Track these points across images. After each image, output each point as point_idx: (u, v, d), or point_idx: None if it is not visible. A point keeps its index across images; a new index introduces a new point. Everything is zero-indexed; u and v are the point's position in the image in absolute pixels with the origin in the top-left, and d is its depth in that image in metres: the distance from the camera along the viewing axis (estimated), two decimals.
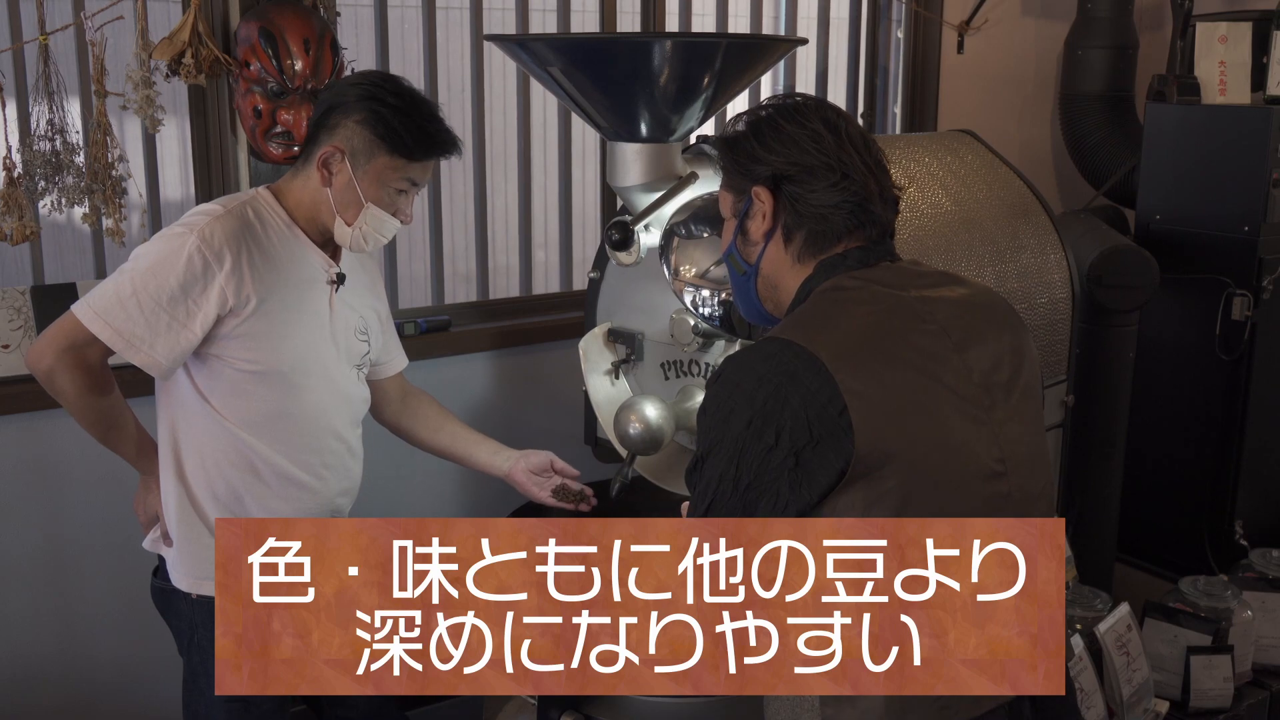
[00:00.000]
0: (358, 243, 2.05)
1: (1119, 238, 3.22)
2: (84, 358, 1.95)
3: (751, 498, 1.46)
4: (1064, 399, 2.74)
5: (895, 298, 1.55)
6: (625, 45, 2.05)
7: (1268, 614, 2.97)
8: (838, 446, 1.43)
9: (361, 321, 2.18)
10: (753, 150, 1.60)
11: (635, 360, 2.37)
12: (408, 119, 1.98)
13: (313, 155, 2.02)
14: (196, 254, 1.92)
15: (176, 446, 2.06)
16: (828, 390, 1.43)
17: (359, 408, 2.22)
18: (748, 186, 1.61)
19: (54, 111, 2.47)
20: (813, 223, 1.58)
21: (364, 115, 1.98)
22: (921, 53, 3.83)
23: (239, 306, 1.96)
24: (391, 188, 2.02)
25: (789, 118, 1.59)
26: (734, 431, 1.46)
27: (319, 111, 2.03)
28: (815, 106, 1.62)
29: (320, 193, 2.03)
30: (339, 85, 2.06)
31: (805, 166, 1.57)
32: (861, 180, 1.58)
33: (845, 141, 1.58)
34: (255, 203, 2.04)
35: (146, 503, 2.17)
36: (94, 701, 2.69)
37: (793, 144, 1.57)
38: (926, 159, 2.63)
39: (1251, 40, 3.36)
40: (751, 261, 1.65)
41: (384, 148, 1.98)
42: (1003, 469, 1.53)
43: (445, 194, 3.23)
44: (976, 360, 1.55)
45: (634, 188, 2.16)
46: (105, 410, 2.03)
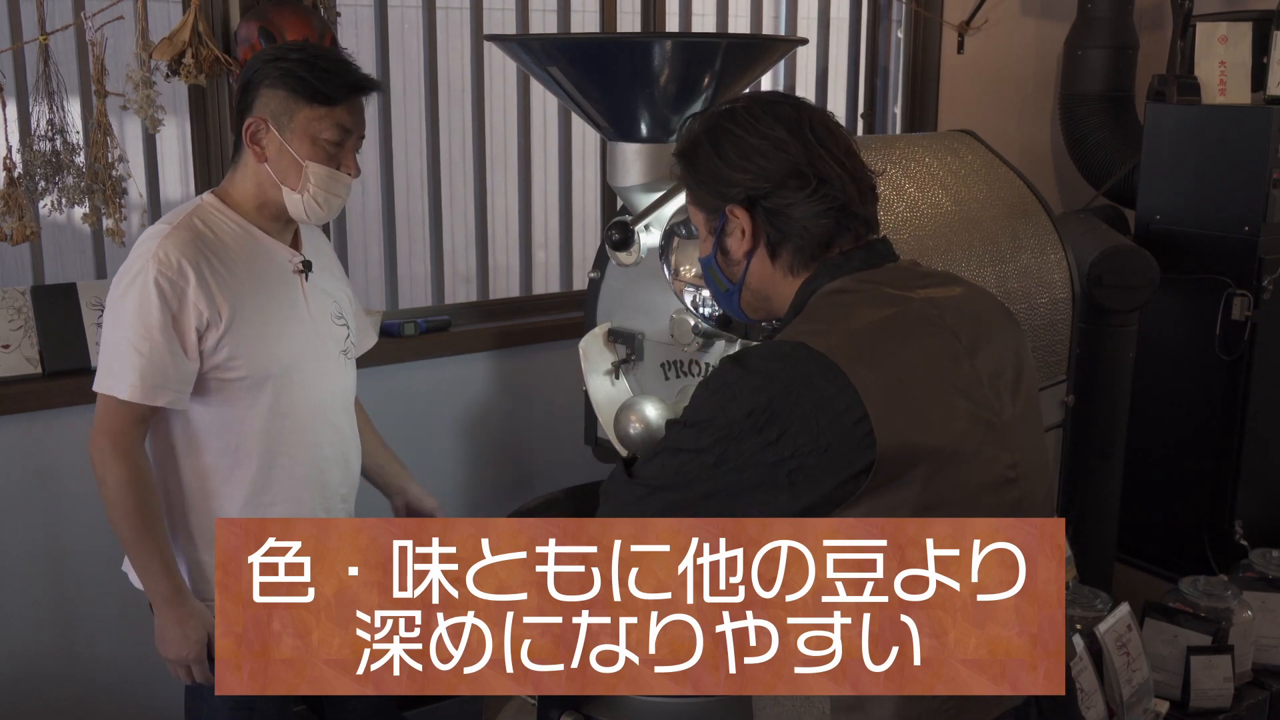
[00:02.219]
0: (312, 208, 2.00)
1: (1119, 238, 3.21)
2: (123, 434, 1.94)
3: (730, 482, 1.42)
4: (1064, 399, 2.74)
5: (903, 300, 1.51)
6: (625, 45, 2.05)
7: (1268, 614, 2.97)
8: (849, 455, 1.39)
9: (336, 306, 2.16)
10: (716, 168, 1.53)
11: (635, 360, 2.37)
12: (314, 68, 1.96)
13: (241, 137, 2.00)
14: (161, 278, 1.90)
15: (175, 465, 2.04)
16: (845, 398, 1.38)
17: (350, 395, 2.20)
18: (720, 205, 1.55)
19: (54, 111, 2.47)
20: (797, 236, 1.53)
21: (273, 76, 1.96)
22: (921, 53, 3.83)
23: (214, 320, 1.94)
24: (324, 140, 1.98)
25: (747, 126, 1.51)
26: (731, 416, 1.42)
27: (237, 97, 2.02)
28: (769, 104, 1.53)
29: (260, 172, 2.00)
30: (247, 64, 2.04)
31: (777, 181, 1.50)
32: (839, 182, 1.51)
33: (811, 140, 1.50)
34: (201, 211, 2.00)
35: (186, 631, 1.99)
36: (94, 701, 2.69)
37: (758, 155, 1.50)
38: (926, 159, 2.63)
39: (1251, 40, 3.36)
40: (735, 280, 1.59)
41: (301, 100, 1.96)
42: (1014, 475, 1.51)
43: (445, 194, 3.23)
44: (985, 364, 1.52)
45: (634, 188, 2.16)
46: (147, 499, 1.97)
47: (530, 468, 3.21)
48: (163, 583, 1.97)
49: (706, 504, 1.45)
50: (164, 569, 1.96)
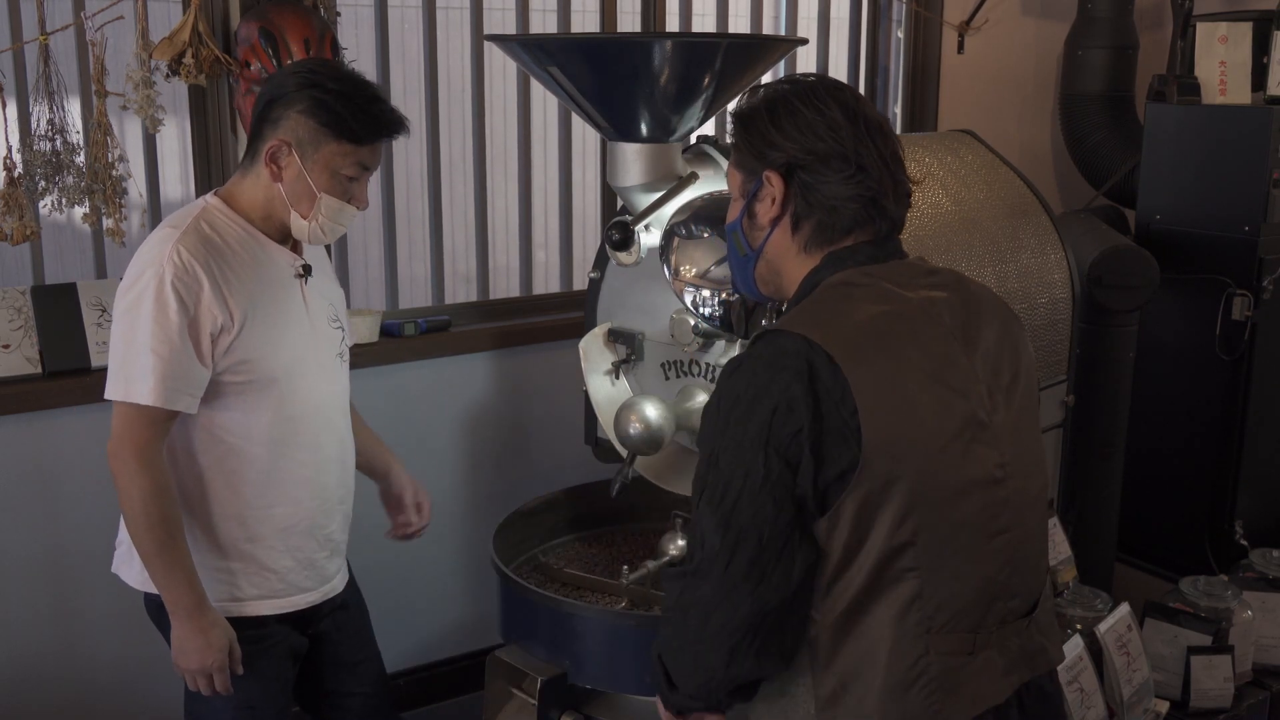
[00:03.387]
0: (316, 235, 2.01)
1: (1119, 238, 3.21)
2: (147, 443, 1.91)
3: (781, 492, 1.43)
4: (1064, 399, 2.74)
5: (903, 298, 1.53)
6: (625, 45, 2.05)
7: (1268, 614, 2.97)
8: (845, 445, 1.42)
9: (332, 309, 2.16)
10: (767, 133, 1.56)
11: (635, 360, 2.37)
12: (351, 103, 1.94)
13: (259, 151, 1.98)
14: (178, 282, 1.89)
15: (174, 468, 2.02)
16: (840, 389, 1.42)
17: (345, 397, 2.20)
18: (759, 169, 1.57)
19: (54, 111, 2.47)
20: (822, 213, 1.55)
21: (306, 104, 1.93)
22: (921, 53, 3.83)
23: (227, 324, 1.93)
24: (343, 175, 1.98)
25: (807, 101, 1.55)
26: (760, 419, 1.43)
27: (260, 106, 1.98)
28: (833, 89, 1.57)
29: (271, 189, 1.99)
30: (277, 76, 2.01)
31: (820, 155, 1.53)
32: (877, 174, 1.54)
33: (863, 131, 1.54)
34: (207, 215, 1.99)
35: (210, 640, 1.96)
36: (94, 701, 2.69)
37: (810, 130, 1.54)
38: (926, 159, 2.63)
39: (1252, 40, 3.35)
40: (755, 245, 1.62)
41: (330, 135, 1.94)
42: (1003, 474, 1.52)
43: (445, 194, 3.23)
44: (982, 363, 1.54)
45: (634, 188, 2.15)
46: (170, 510, 1.94)
47: (530, 468, 3.20)
48: (185, 593, 1.94)
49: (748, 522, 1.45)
50: (186, 579, 1.94)
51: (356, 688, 2.29)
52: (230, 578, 2.04)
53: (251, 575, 2.05)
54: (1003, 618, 1.54)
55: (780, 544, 1.43)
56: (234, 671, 1.99)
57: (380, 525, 2.36)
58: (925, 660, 1.47)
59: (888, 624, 1.46)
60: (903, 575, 1.45)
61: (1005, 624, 1.54)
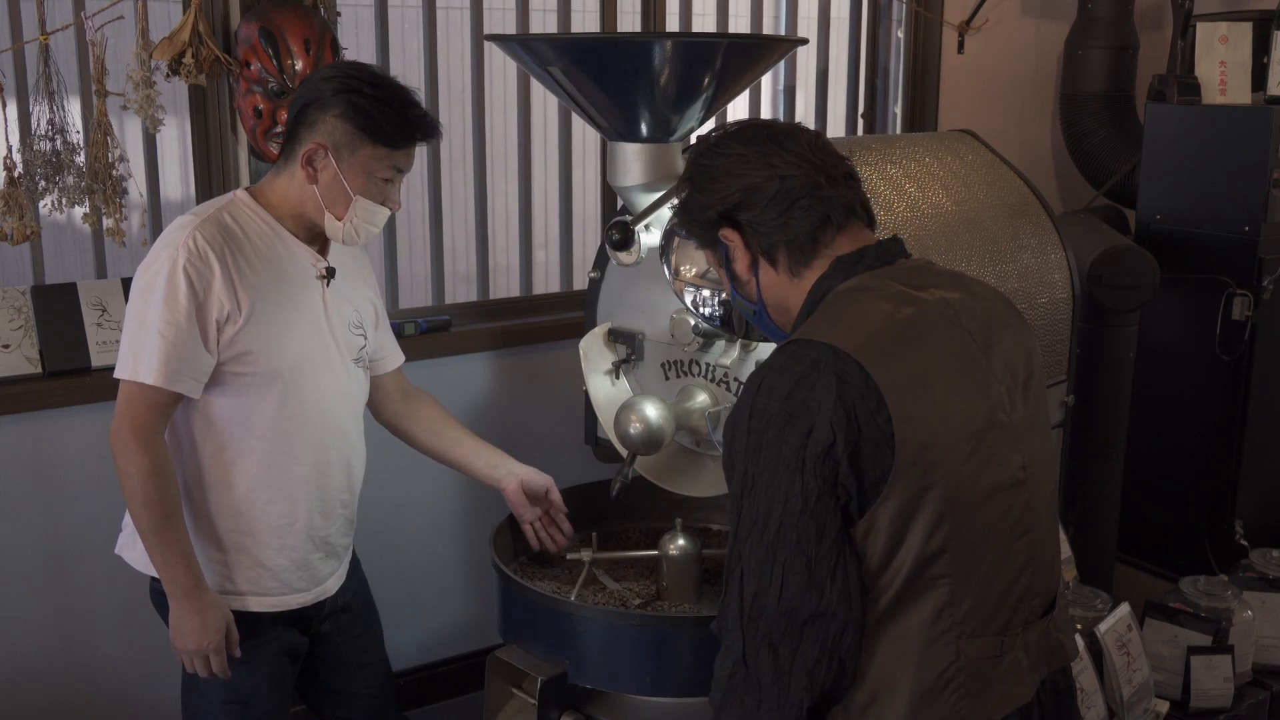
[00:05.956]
0: (349, 236, 2.04)
1: (1119, 238, 3.21)
2: (146, 423, 1.93)
3: (822, 508, 1.42)
4: (1064, 399, 2.74)
5: (920, 300, 1.53)
6: (625, 45, 2.05)
7: (1268, 614, 2.97)
8: (880, 452, 1.41)
9: (356, 315, 2.18)
10: (696, 200, 1.62)
11: (635, 360, 2.37)
12: (387, 108, 1.97)
13: (295, 153, 2.01)
14: (190, 267, 1.92)
15: (177, 455, 2.04)
16: (874, 397, 1.41)
17: (359, 403, 2.21)
18: (713, 236, 1.62)
19: (54, 111, 2.47)
20: (781, 234, 1.57)
21: (343, 108, 1.97)
22: (922, 53, 3.83)
23: (234, 313, 1.96)
24: (378, 178, 2.01)
25: (711, 155, 1.61)
26: (794, 442, 1.41)
27: (296, 108, 2.01)
28: (733, 132, 1.62)
29: (306, 190, 2.02)
30: (313, 80, 2.04)
31: (744, 189, 1.57)
32: (800, 172, 1.56)
33: (770, 148, 1.57)
34: (232, 207, 2.03)
35: (206, 621, 1.97)
36: (94, 701, 2.69)
37: (725, 175, 1.59)
38: (926, 159, 2.63)
39: (1252, 40, 3.35)
40: (754, 299, 1.64)
41: (366, 139, 1.97)
42: (1024, 476, 1.52)
43: (445, 194, 3.23)
44: (998, 364, 1.54)
45: (634, 188, 2.16)
46: (168, 491, 1.96)
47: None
48: (182, 574, 1.96)
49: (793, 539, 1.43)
50: (183, 560, 1.96)
51: (362, 689, 2.30)
52: (225, 570, 2.06)
53: (245, 569, 2.07)
54: (1027, 618, 1.54)
55: (832, 561, 1.42)
56: (231, 654, 2.00)
57: (380, 525, 2.37)
58: (956, 666, 1.46)
59: (919, 632, 1.45)
60: (934, 583, 1.45)
61: (1029, 624, 1.55)
